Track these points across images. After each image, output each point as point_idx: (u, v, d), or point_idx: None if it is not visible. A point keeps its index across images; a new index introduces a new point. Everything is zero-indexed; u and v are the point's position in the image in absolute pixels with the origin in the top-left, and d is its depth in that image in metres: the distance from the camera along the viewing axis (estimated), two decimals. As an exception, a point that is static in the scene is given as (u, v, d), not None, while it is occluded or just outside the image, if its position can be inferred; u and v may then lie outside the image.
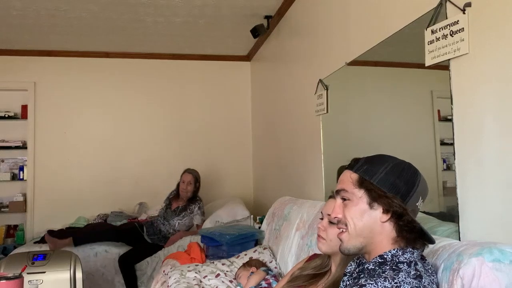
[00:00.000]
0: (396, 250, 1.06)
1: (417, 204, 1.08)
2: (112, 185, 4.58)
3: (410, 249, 1.06)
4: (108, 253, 3.58)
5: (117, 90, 4.70)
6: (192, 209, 3.72)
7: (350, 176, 1.12)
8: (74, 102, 4.60)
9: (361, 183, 1.09)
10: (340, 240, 1.12)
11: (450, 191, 1.49)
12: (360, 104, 2.31)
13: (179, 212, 3.71)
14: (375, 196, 1.06)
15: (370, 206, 1.07)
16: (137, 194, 4.61)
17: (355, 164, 1.14)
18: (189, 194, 3.75)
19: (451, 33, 1.43)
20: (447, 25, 1.45)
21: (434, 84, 1.67)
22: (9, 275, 1.50)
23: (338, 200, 1.14)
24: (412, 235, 1.06)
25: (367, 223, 1.07)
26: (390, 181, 1.06)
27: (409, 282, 0.98)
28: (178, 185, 3.85)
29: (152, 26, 3.86)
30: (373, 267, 1.06)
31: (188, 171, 3.85)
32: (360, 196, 1.08)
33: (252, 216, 3.66)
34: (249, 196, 4.81)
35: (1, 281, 1.46)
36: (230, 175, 4.81)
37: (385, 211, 1.06)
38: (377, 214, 1.07)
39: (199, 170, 3.98)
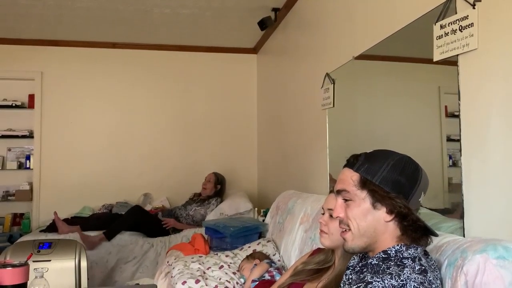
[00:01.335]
0: (400, 246, 1.05)
1: (419, 200, 1.07)
2: (117, 175, 4.60)
3: (414, 245, 1.05)
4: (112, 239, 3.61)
5: (123, 80, 4.70)
6: (210, 201, 4.01)
7: (350, 177, 1.08)
8: (80, 92, 4.61)
9: (363, 184, 1.06)
10: (344, 239, 1.11)
11: (455, 188, 1.48)
12: (367, 98, 2.30)
13: (198, 201, 4.05)
14: (378, 198, 1.05)
15: (374, 206, 1.06)
16: (142, 185, 4.63)
17: (355, 162, 1.10)
18: (207, 192, 4.09)
19: (460, 28, 1.42)
20: (456, 20, 1.44)
21: (441, 79, 1.65)
22: (15, 263, 1.52)
23: (339, 200, 1.11)
24: (417, 234, 1.05)
25: (371, 223, 1.06)
26: (393, 179, 1.04)
27: (415, 279, 0.96)
28: None
29: (159, 17, 3.85)
30: (377, 262, 1.06)
31: (213, 171, 4.23)
32: (363, 198, 1.06)
33: (256, 209, 3.68)
34: (253, 189, 4.81)
35: (7, 268, 1.47)
36: (235, 168, 4.81)
37: (389, 212, 1.05)
38: (381, 214, 1.05)
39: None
